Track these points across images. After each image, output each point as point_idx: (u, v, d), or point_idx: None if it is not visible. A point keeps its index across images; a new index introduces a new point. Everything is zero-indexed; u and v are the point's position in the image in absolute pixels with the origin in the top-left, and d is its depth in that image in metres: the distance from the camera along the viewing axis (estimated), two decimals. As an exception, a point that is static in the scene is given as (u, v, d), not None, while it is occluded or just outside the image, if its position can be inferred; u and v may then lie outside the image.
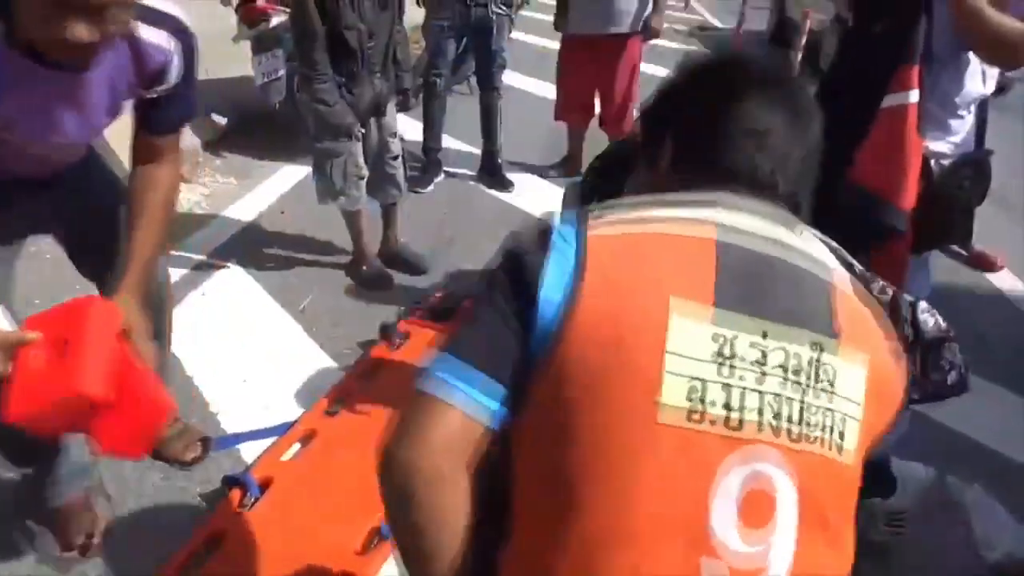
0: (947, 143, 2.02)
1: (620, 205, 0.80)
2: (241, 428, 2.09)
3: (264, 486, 1.81)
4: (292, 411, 2.16)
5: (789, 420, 0.70)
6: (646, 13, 3.79)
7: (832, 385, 0.73)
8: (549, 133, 4.75)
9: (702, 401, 0.68)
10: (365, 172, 2.73)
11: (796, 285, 0.76)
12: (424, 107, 3.95)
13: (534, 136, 4.88)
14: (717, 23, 10.08)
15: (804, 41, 6.19)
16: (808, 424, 0.71)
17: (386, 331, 2.50)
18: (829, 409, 0.72)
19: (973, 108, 2.04)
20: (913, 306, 1.54)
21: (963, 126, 2.04)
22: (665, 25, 4.23)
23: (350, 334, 2.60)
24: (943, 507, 1.90)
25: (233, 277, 2.90)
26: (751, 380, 0.70)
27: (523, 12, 7.16)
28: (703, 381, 0.69)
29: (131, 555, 1.67)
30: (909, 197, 1.94)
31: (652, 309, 0.70)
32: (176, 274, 2.86)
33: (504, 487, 0.75)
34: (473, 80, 4.55)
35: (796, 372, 0.72)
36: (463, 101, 5.12)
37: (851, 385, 0.74)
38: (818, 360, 0.73)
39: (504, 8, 3.75)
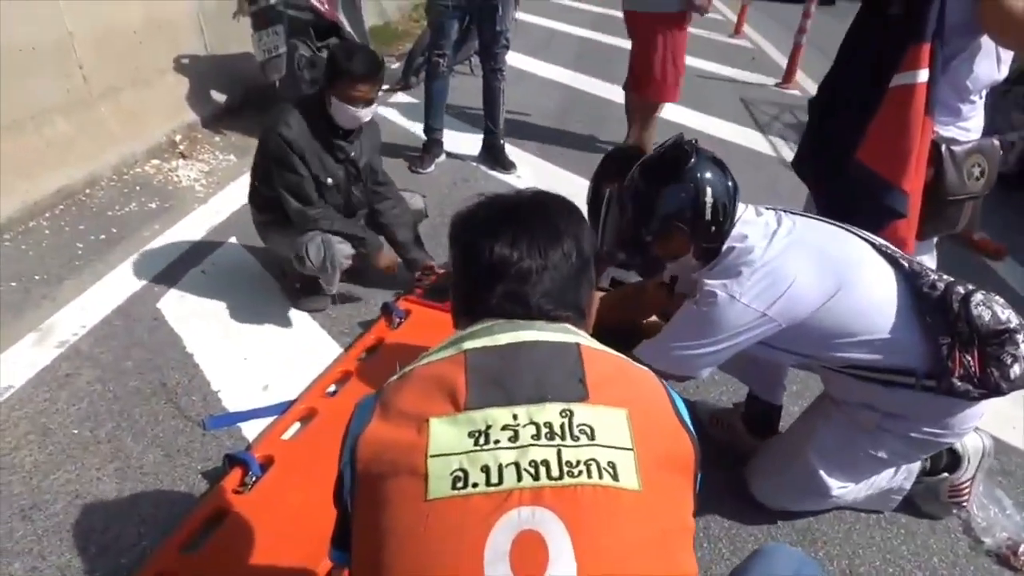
0: (958, 128, 1.99)
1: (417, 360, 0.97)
2: (241, 407, 2.08)
3: (265, 465, 1.81)
4: (292, 390, 2.15)
5: (546, 464, 0.80)
6: None
7: (592, 436, 0.83)
8: (552, 115, 4.71)
9: (465, 480, 0.80)
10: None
11: (541, 365, 0.89)
12: (426, 87, 3.92)
13: (537, 117, 4.84)
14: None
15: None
16: (569, 464, 0.81)
17: (387, 309, 2.50)
18: (590, 450, 0.82)
19: (984, 93, 2.01)
20: (966, 300, 1.51)
21: (974, 111, 2.01)
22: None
23: (350, 313, 2.59)
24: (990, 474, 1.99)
25: (233, 255, 2.89)
26: (507, 450, 0.81)
27: (527, -8, 7.09)
28: (464, 470, 0.80)
29: (133, 532, 1.67)
30: (913, 180, 1.92)
31: (414, 430, 0.85)
32: (176, 252, 2.85)
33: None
34: (476, 60, 4.50)
35: (550, 436, 0.82)
36: (466, 81, 5.08)
37: (612, 432, 0.85)
38: (570, 423, 0.84)
39: (508, -12, 3.70)
